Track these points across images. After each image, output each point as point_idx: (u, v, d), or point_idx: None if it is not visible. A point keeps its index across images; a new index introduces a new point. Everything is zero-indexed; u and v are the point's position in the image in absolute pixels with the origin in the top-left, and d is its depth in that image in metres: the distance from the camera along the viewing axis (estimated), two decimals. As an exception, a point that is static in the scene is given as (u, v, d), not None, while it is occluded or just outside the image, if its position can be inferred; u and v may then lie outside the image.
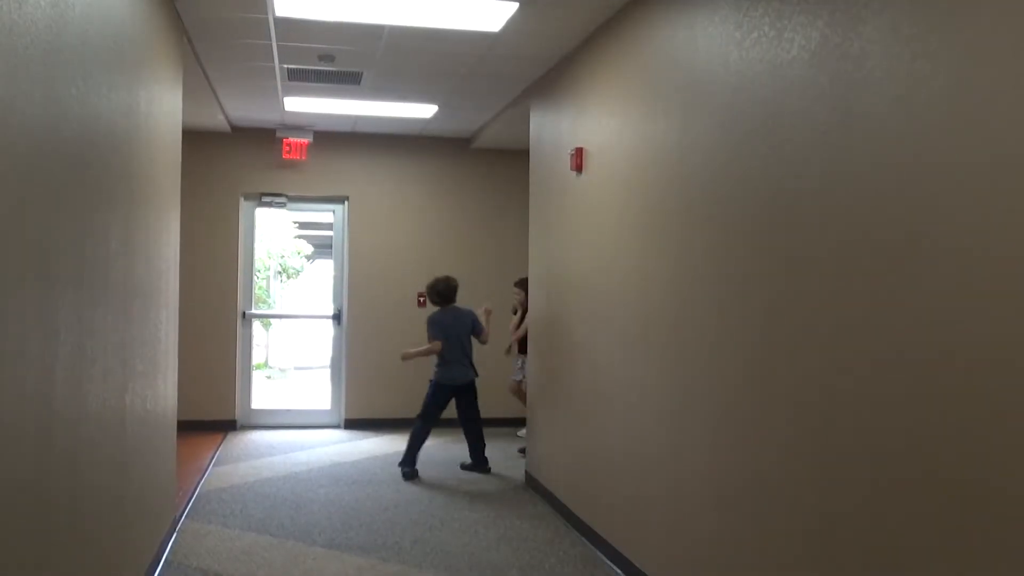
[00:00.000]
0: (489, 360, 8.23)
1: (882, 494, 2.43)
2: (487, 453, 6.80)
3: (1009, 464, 2.00)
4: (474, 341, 6.79)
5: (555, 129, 5.83)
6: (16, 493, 2.12)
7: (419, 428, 6.57)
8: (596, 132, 4.99)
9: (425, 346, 6.66)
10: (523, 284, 7.67)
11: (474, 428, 6.69)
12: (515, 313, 7.82)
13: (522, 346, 7.81)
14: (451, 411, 8.37)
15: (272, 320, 14.40)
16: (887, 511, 2.41)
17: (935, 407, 2.23)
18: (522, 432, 7.98)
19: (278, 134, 8.19)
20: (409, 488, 6.10)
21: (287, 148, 8.21)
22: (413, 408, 8.40)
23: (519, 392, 7.93)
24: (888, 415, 2.41)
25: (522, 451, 7.21)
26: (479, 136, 8.22)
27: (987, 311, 2.07)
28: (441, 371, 6.61)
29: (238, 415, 8.38)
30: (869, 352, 2.50)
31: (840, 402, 2.63)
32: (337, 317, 8.76)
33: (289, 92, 6.75)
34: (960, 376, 2.15)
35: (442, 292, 6.66)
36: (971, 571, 2.11)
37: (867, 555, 2.49)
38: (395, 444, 7.74)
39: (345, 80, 6.29)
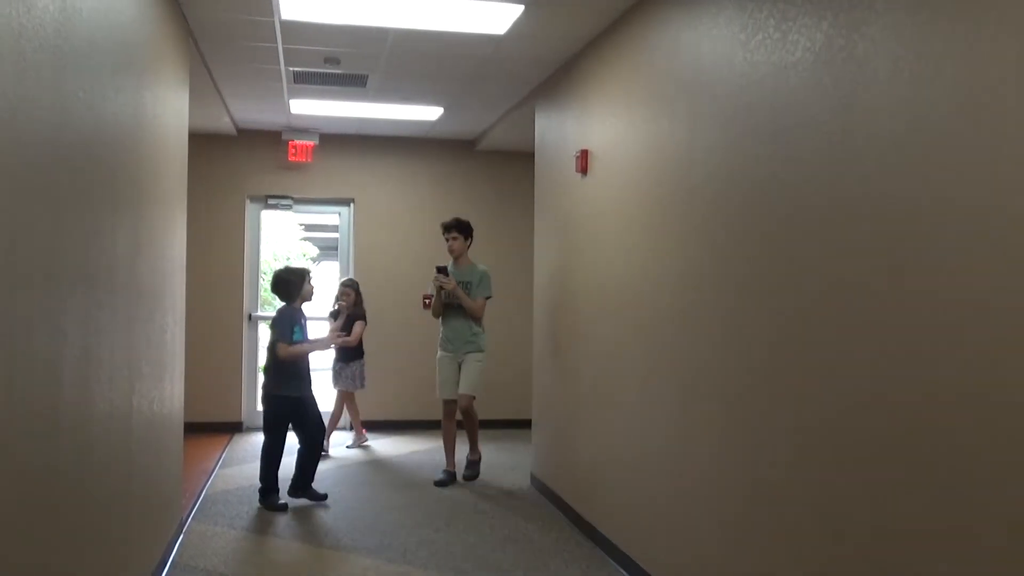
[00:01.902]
0: (493, 358, 8.23)
1: (890, 495, 2.43)
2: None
3: (1014, 469, 1.99)
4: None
5: (560, 131, 5.83)
6: (23, 494, 2.13)
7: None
8: (601, 134, 4.99)
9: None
10: (354, 284, 7.31)
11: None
12: (335, 318, 7.22)
13: (348, 353, 7.27)
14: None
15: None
16: (894, 513, 2.41)
17: (943, 408, 2.23)
18: (348, 444, 7.62)
19: (284, 136, 8.20)
20: (415, 490, 6.10)
21: (293, 150, 8.22)
22: (419, 410, 8.44)
23: (347, 400, 7.52)
24: (895, 416, 2.41)
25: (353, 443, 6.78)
26: (484, 138, 8.23)
27: (993, 311, 2.07)
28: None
29: (244, 417, 8.39)
30: (875, 352, 2.49)
31: (847, 403, 2.63)
32: (343, 319, 8.77)
33: (295, 94, 6.77)
34: (968, 377, 2.15)
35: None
36: (976, 574, 2.11)
37: (871, 557, 2.49)
38: (401, 445, 7.75)
39: (351, 82, 6.30)
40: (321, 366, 7.25)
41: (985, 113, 2.10)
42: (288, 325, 5.46)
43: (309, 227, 14.60)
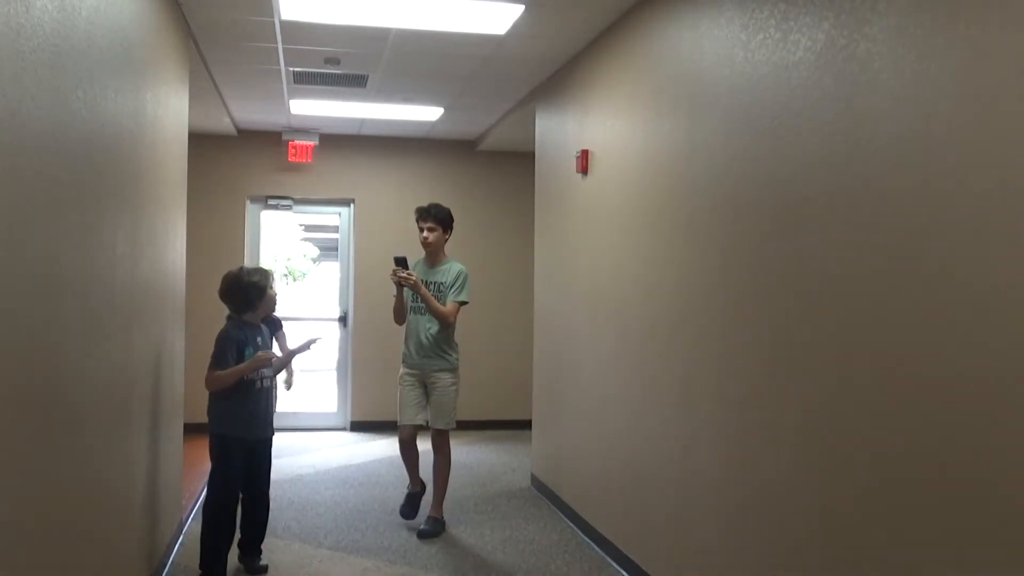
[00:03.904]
0: (485, 356, 8.23)
1: (890, 498, 2.42)
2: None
3: (1015, 467, 1.98)
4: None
5: (560, 131, 5.83)
6: (23, 495, 2.12)
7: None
8: (602, 134, 4.98)
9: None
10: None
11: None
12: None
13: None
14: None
15: (278, 323, 14.37)
16: (895, 515, 2.40)
17: (944, 411, 2.22)
18: None
19: (284, 137, 8.20)
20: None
21: (293, 151, 8.22)
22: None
23: None
24: (896, 419, 2.40)
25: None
26: (485, 138, 8.22)
27: (993, 313, 2.06)
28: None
29: (244, 417, 8.37)
30: (877, 354, 2.49)
31: (848, 405, 2.62)
32: (343, 319, 8.77)
33: (295, 95, 6.76)
34: (970, 379, 2.14)
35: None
36: (977, 575, 2.10)
37: (875, 559, 2.48)
38: (401, 446, 7.74)
39: (351, 83, 6.29)
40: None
41: (987, 113, 2.10)
42: (230, 346, 4.07)
43: (309, 228, 14.61)
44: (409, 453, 5.25)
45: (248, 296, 4.16)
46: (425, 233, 5.21)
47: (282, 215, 9.25)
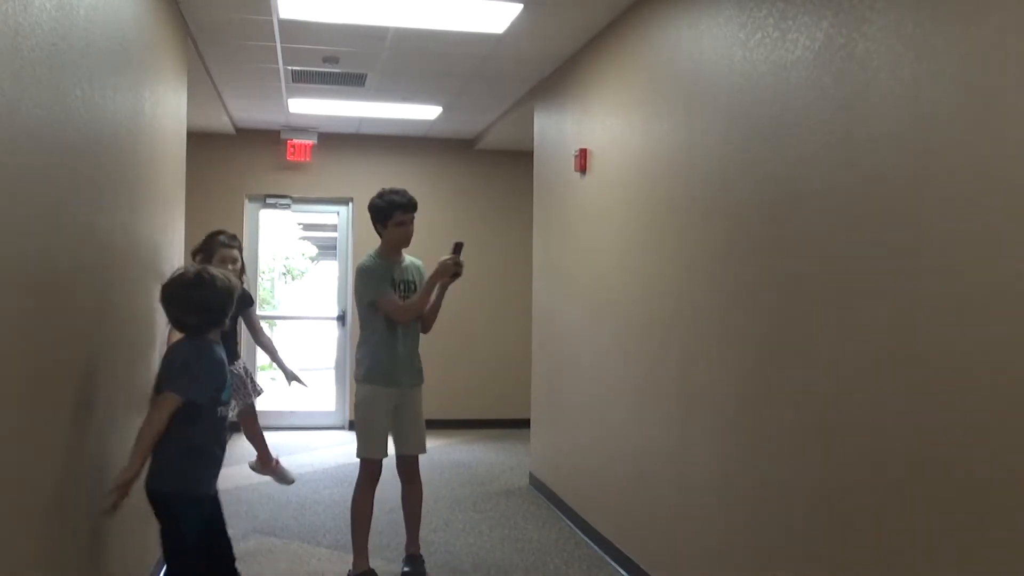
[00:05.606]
0: (484, 354, 8.21)
1: (886, 494, 2.42)
2: None
3: (1012, 465, 1.99)
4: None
5: (559, 130, 5.83)
6: (21, 494, 2.12)
7: None
8: (600, 133, 4.98)
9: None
10: (239, 244, 4.81)
11: None
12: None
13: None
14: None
15: (276, 321, 14.40)
16: (891, 512, 2.40)
17: (941, 409, 2.23)
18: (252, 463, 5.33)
19: (282, 136, 8.20)
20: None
21: (291, 150, 8.22)
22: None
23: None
24: (894, 417, 2.40)
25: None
26: (483, 137, 8.22)
27: (992, 312, 2.06)
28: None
29: (243, 416, 8.37)
30: (875, 353, 2.49)
31: (846, 403, 2.62)
32: (341, 318, 8.77)
33: (293, 94, 6.76)
34: (964, 378, 2.14)
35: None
36: (974, 572, 2.10)
37: (872, 556, 2.49)
38: (399, 445, 7.74)
39: (349, 82, 6.29)
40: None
41: (986, 112, 2.10)
42: (198, 371, 2.89)
43: (308, 227, 14.61)
44: (367, 501, 4.21)
45: (221, 309, 2.96)
46: (409, 226, 4.34)
47: (280, 214, 9.25)
